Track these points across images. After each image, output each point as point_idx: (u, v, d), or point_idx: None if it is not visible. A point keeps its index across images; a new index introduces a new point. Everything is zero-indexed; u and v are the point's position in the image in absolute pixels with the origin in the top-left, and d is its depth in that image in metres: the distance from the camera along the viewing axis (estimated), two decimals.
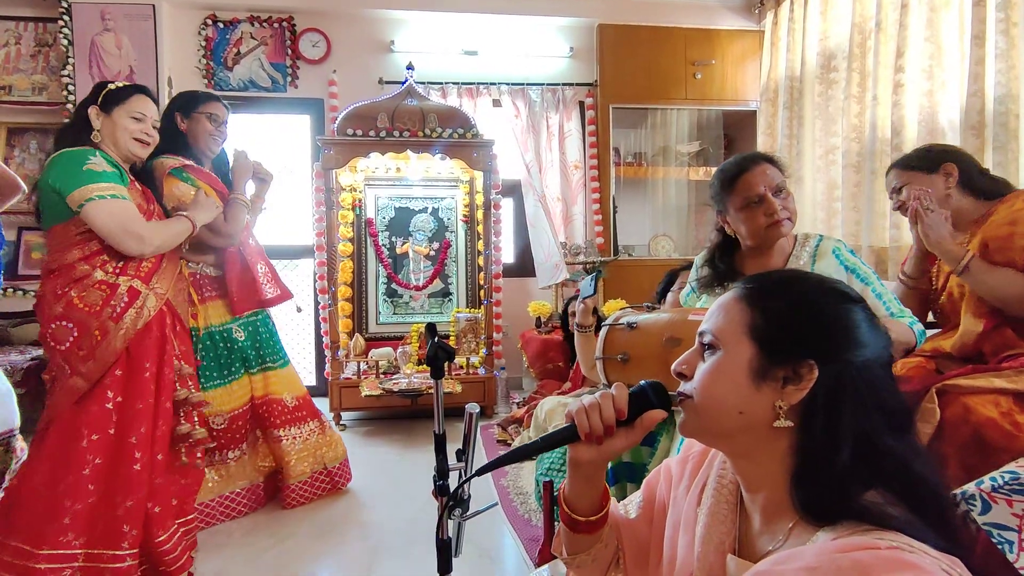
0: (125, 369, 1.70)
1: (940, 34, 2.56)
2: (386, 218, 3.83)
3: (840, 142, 3.14)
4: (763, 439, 0.63)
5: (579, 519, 0.79)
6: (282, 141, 4.04)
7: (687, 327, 1.32)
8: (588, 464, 0.74)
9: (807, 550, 0.54)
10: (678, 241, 4.31)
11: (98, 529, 1.59)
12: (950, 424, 1.26)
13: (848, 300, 0.65)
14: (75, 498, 1.57)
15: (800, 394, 0.61)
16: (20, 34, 3.52)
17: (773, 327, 0.64)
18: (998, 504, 0.87)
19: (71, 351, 1.63)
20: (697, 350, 0.70)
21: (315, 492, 2.28)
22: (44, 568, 1.50)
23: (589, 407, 0.70)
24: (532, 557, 1.80)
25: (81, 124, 1.76)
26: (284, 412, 2.23)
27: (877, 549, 0.50)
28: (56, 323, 1.64)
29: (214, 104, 2.17)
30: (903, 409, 0.63)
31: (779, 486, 0.63)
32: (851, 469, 0.58)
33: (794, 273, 0.70)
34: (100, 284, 1.69)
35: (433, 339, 0.97)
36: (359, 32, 3.94)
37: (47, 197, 1.68)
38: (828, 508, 0.58)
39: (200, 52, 3.80)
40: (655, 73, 4.03)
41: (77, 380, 1.63)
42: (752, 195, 1.40)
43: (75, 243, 1.69)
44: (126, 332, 1.68)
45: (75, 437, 1.61)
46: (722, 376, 0.65)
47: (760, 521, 0.66)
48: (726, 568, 0.67)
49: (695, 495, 0.75)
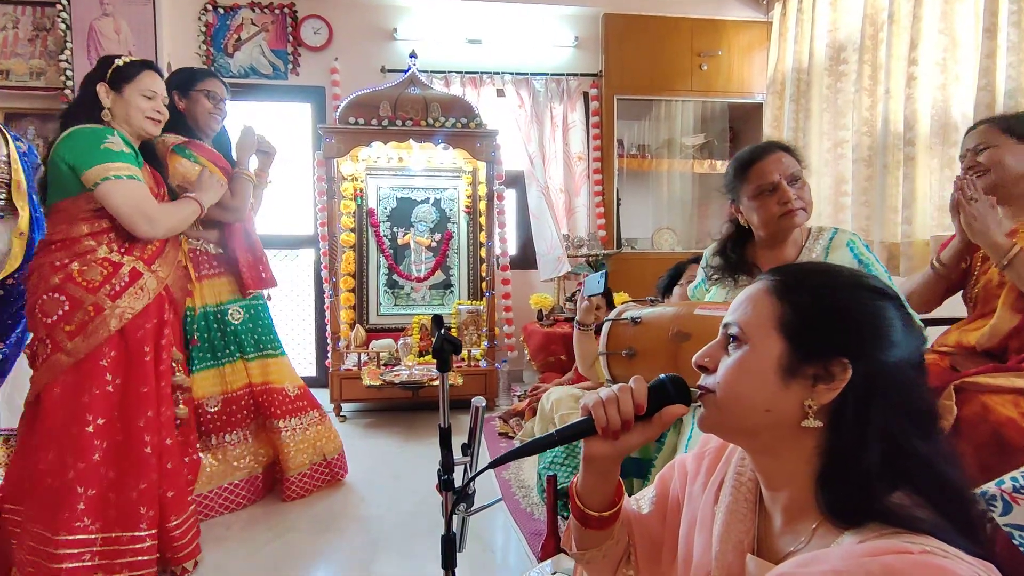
0: (123, 352, 1.68)
1: (955, 26, 2.51)
2: (388, 208, 3.80)
3: (849, 135, 3.09)
4: (788, 438, 0.61)
5: (591, 514, 0.77)
6: (283, 129, 4.00)
7: (695, 321, 1.29)
8: (603, 459, 0.72)
9: (832, 552, 0.52)
10: (681, 234, 4.28)
11: (114, 512, 1.59)
12: (967, 422, 1.23)
13: (883, 296, 0.62)
14: (88, 483, 1.57)
15: (832, 394, 0.59)
16: (18, 18, 3.47)
17: (805, 322, 0.61)
18: (1020, 505, 0.85)
19: (56, 325, 1.60)
20: (720, 342, 0.67)
21: (314, 484, 2.26)
22: (62, 553, 1.51)
23: (607, 401, 0.68)
24: (534, 551, 1.78)
25: (90, 101, 1.73)
26: (286, 402, 2.21)
27: (909, 554, 0.48)
28: (48, 295, 1.61)
29: (212, 81, 2.14)
30: (931, 411, 0.61)
31: (803, 485, 0.61)
32: (879, 471, 0.56)
33: (827, 266, 0.67)
34: (103, 261, 1.67)
35: (440, 331, 0.95)
36: (361, 19, 3.89)
37: (58, 171, 1.65)
38: (854, 510, 0.55)
39: (200, 38, 3.75)
40: (660, 64, 3.98)
41: (60, 356, 1.59)
42: (765, 183, 1.37)
43: (84, 218, 1.68)
44: (122, 312, 1.66)
45: (79, 421, 1.59)
46: (749, 372, 0.62)
47: (781, 520, 0.64)
48: (745, 568, 0.64)
49: (712, 493, 0.73)
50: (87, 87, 1.75)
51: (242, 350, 2.17)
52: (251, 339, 2.19)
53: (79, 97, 1.78)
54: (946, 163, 2.55)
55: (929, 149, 2.62)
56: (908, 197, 2.67)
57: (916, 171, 2.65)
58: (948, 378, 1.34)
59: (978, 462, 1.21)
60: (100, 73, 1.75)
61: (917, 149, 2.65)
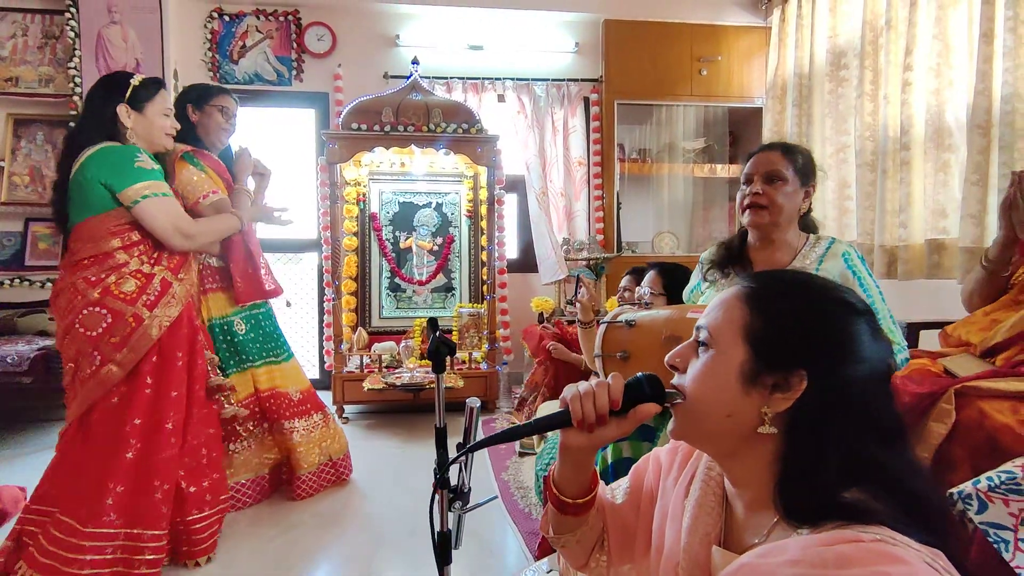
0: (159, 358, 1.75)
1: (948, 32, 2.54)
2: (390, 213, 3.84)
3: (852, 140, 3.11)
4: (748, 443, 0.64)
5: (567, 501, 0.80)
6: (287, 135, 4.05)
7: (687, 325, 1.32)
8: (577, 450, 0.75)
9: (791, 543, 0.55)
10: (682, 238, 4.30)
11: (137, 511, 1.65)
12: (964, 427, 1.25)
13: (853, 311, 0.63)
14: (118, 480, 1.63)
15: (786, 403, 0.61)
16: (27, 26, 3.53)
17: (770, 332, 0.63)
18: (994, 504, 0.87)
19: (102, 338, 1.67)
20: (692, 344, 0.70)
21: (321, 484, 2.31)
22: (88, 546, 1.57)
23: (584, 394, 0.70)
24: (531, 551, 1.81)
25: (107, 120, 1.77)
26: (291, 405, 2.26)
27: (860, 542, 0.50)
28: (89, 309, 1.66)
29: (225, 98, 2.21)
30: (896, 423, 0.62)
31: (763, 486, 0.63)
32: (835, 480, 0.58)
33: (801, 276, 0.69)
34: (136, 273, 1.75)
35: (435, 333, 0.98)
36: (365, 26, 3.94)
37: (88, 190, 1.71)
38: (810, 511, 0.58)
39: (206, 45, 3.80)
40: (660, 69, 4.02)
41: (111, 368, 1.67)
42: (747, 175, 1.44)
43: (113, 232, 1.74)
44: (160, 321, 1.74)
45: (120, 421, 1.67)
46: (712, 376, 0.65)
47: (744, 515, 0.67)
48: (711, 559, 0.67)
49: (683, 486, 0.76)
50: (100, 106, 1.78)
51: (248, 359, 2.22)
52: (255, 347, 2.24)
53: (92, 116, 1.79)
54: (940, 167, 2.57)
55: (924, 154, 2.64)
56: (904, 201, 2.70)
57: (912, 175, 2.67)
58: (944, 383, 1.36)
59: (972, 466, 1.22)
60: (114, 93, 1.78)
61: (912, 154, 2.67)
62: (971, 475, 1.18)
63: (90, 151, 1.73)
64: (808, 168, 1.49)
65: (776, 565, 0.52)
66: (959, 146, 2.51)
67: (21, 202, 3.45)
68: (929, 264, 2.58)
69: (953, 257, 2.49)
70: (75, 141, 1.77)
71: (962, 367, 1.50)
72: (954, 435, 1.26)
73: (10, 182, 3.45)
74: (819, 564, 0.49)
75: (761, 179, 1.43)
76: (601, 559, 0.85)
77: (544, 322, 3.79)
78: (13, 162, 3.46)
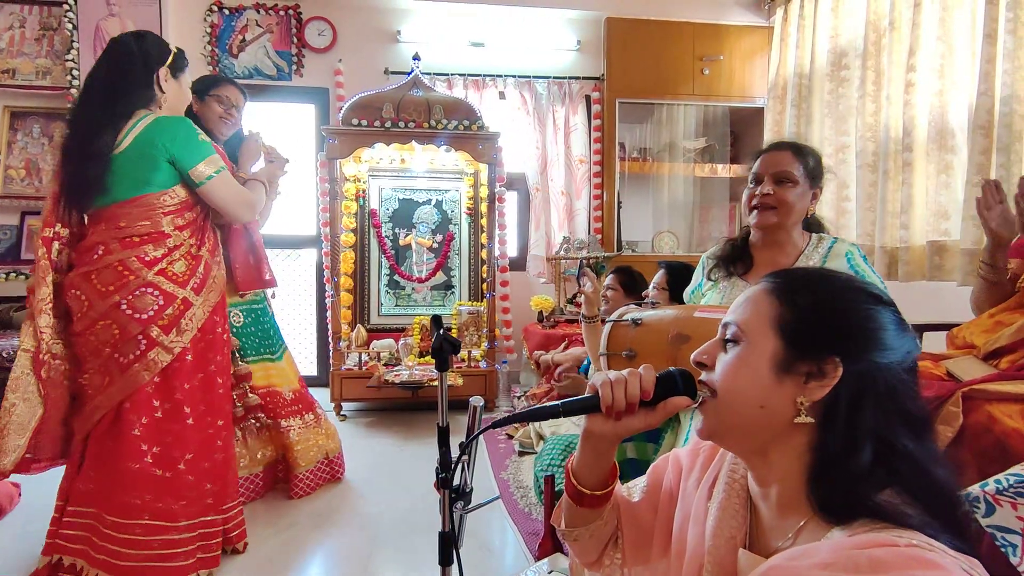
0: (203, 345, 1.71)
1: (952, 33, 2.53)
2: (390, 209, 3.82)
3: (852, 141, 3.11)
4: (781, 435, 0.63)
5: (584, 492, 0.78)
6: (286, 130, 4.03)
7: (694, 324, 1.32)
8: (601, 438, 0.73)
9: (822, 546, 0.54)
10: (682, 238, 4.30)
11: (210, 497, 1.68)
12: (972, 431, 1.24)
13: (879, 302, 0.64)
14: (191, 472, 1.63)
15: (823, 391, 0.61)
16: (24, 18, 3.50)
17: (800, 322, 0.63)
18: (1002, 507, 0.87)
19: (152, 321, 1.58)
20: (719, 341, 0.69)
21: (318, 481, 2.31)
22: (182, 538, 1.59)
23: (615, 381, 0.69)
24: (531, 550, 1.80)
25: (146, 86, 1.65)
26: (284, 404, 2.25)
27: (896, 547, 0.49)
28: (141, 289, 1.57)
29: (226, 87, 2.18)
30: (923, 414, 0.62)
31: (793, 483, 0.62)
32: (869, 469, 0.58)
33: (825, 271, 0.70)
34: (187, 255, 1.69)
35: (439, 331, 0.97)
36: (365, 21, 3.92)
37: (154, 164, 1.59)
38: (844, 506, 0.57)
39: (205, 39, 3.78)
40: (662, 68, 4.01)
41: (160, 352, 1.59)
42: (755, 174, 1.43)
43: (169, 212, 1.65)
44: (205, 306, 1.70)
45: (180, 416, 1.64)
46: (744, 367, 0.64)
47: (770, 516, 0.66)
48: (737, 562, 0.66)
49: (706, 488, 0.74)
50: (144, 68, 1.64)
51: (244, 353, 2.19)
52: (252, 342, 2.21)
53: (134, 78, 1.64)
54: (942, 168, 2.57)
55: (926, 155, 2.64)
56: (906, 202, 2.70)
57: (914, 176, 2.67)
58: (948, 386, 1.35)
59: (980, 470, 1.21)
60: (156, 54, 1.67)
61: (915, 155, 2.67)
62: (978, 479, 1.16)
63: (147, 120, 1.59)
64: (817, 170, 1.49)
65: (807, 568, 0.51)
66: (961, 147, 2.51)
67: (17, 195, 3.42)
68: (930, 266, 2.58)
69: (954, 259, 2.49)
70: (112, 109, 1.60)
71: (965, 370, 1.49)
72: (961, 438, 1.25)
73: (6, 175, 3.42)
74: (852, 568, 0.48)
75: (771, 179, 1.42)
76: (616, 556, 0.83)
77: (543, 321, 3.79)
78: (9, 155, 3.43)
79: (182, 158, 1.62)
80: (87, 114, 1.62)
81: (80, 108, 1.65)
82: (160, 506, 1.57)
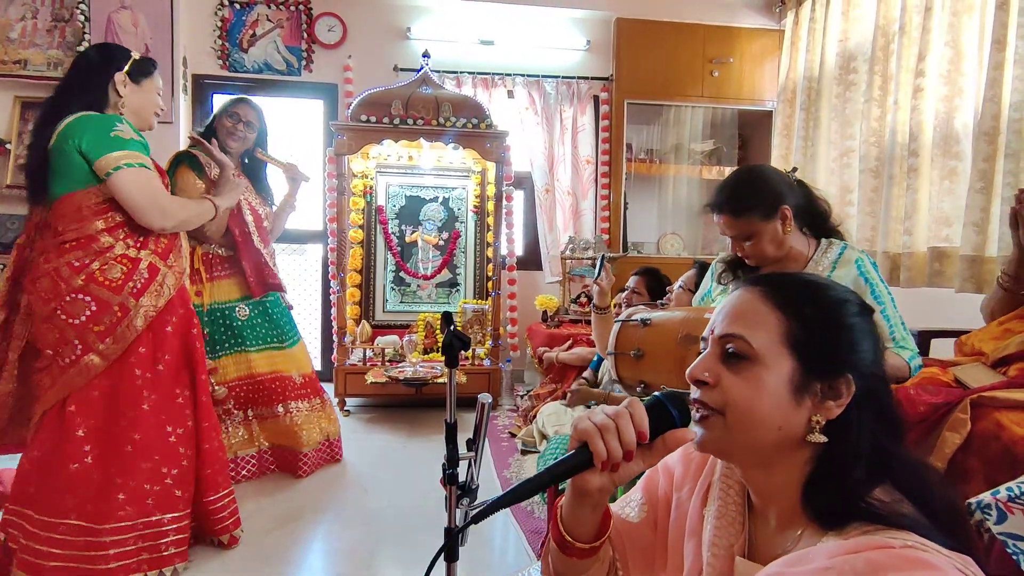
0: (151, 347, 1.68)
1: (961, 39, 2.52)
2: (397, 206, 3.83)
3: (856, 145, 3.10)
4: (787, 451, 0.62)
5: (576, 546, 0.69)
6: (295, 125, 4.04)
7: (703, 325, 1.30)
8: (598, 492, 0.64)
9: (819, 551, 0.54)
10: (688, 240, 4.29)
11: (152, 498, 1.63)
12: (980, 438, 1.23)
13: (868, 311, 0.65)
14: (127, 475, 1.60)
15: (839, 410, 0.61)
16: (37, 8, 3.51)
17: (813, 339, 0.62)
18: (1014, 514, 0.86)
19: (85, 326, 1.58)
20: (717, 355, 0.64)
21: (320, 461, 2.46)
22: (109, 541, 1.55)
23: (604, 430, 0.61)
24: (534, 549, 1.80)
25: (98, 87, 1.68)
26: (294, 387, 2.39)
27: (891, 548, 0.50)
28: (72, 295, 1.57)
29: (239, 104, 2.34)
30: (900, 417, 0.64)
31: (791, 495, 0.62)
32: (867, 477, 0.59)
33: (815, 279, 0.68)
34: (121, 258, 1.64)
35: (449, 327, 0.97)
36: (375, 18, 3.92)
37: (67, 159, 1.59)
38: (839, 511, 0.58)
39: (216, 33, 3.79)
40: (671, 69, 4.00)
41: (93, 358, 1.59)
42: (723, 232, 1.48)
43: (96, 212, 1.63)
44: (146, 311, 1.65)
45: (116, 418, 1.62)
46: (764, 391, 0.61)
47: (769, 525, 0.66)
48: (734, 571, 0.66)
49: (700, 496, 0.72)
50: (93, 73, 1.69)
51: (244, 343, 2.32)
52: (255, 333, 2.35)
53: (81, 82, 1.68)
54: (946, 175, 2.55)
55: (931, 161, 2.63)
56: (910, 208, 2.68)
57: (919, 182, 2.66)
58: (956, 392, 1.34)
59: (987, 478, 1.21)
60: (112, 61, 1.71)
61: (920, 160, 2.66)
62: (985, 486, 1.16)
63: (70, 118, 1.61)
64: (768, 198, 1.41)
65: (804, 573, 0.51)
66: (966, 153, 2.50)
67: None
68: (930, 272, 2.57)
69: (954, 265, 2.48)
70: (57, 107, 1.64)
71: (973, 377, 1.48)
72: (969, 445, 1.25)
73: (16, 165, 3.44)
74: (849, 572, 0.49)
75: (737, 242, 1.44)
76: None
77: (548, 320, 3.79)
78: (20, 145, 3.45)
79: (89, 150, 1.58)
80: (41, 115, 1.69)
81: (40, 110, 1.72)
82: (90, 508, 1.55)
